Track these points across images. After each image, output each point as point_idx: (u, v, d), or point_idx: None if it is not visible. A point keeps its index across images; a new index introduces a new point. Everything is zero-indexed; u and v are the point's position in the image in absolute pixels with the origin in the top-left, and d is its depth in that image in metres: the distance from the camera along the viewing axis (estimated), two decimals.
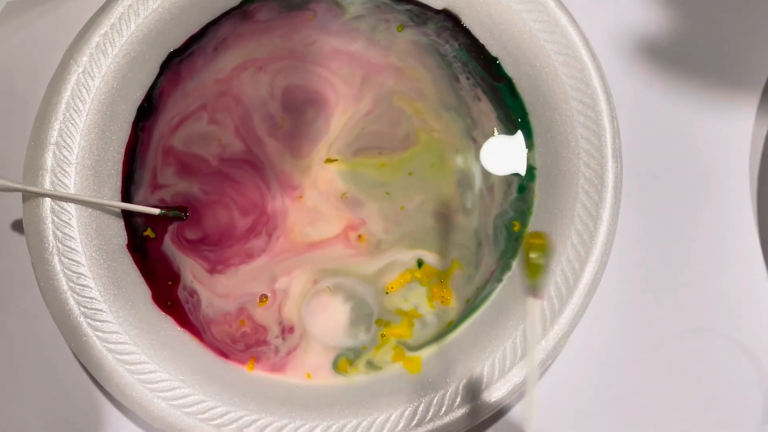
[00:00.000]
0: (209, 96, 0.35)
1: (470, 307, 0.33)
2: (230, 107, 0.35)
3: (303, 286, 0.33)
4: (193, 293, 0.34)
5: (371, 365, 0.33)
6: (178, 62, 0.35)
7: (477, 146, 0.35)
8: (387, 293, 0.33)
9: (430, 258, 0.34)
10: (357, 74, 0.35)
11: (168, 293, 0.34)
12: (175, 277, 0.34)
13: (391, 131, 0.35)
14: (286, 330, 0.33)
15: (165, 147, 0.35)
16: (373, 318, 0.33)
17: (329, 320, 0.33)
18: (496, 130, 0.35)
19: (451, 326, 0.33)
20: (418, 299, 0.33)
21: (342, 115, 0.35)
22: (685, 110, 0.36)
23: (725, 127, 0.35)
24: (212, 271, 0.34)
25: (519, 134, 0.34)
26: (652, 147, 0.35)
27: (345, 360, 0.33)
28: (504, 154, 0.34)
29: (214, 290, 0.34)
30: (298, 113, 0.35)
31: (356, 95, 0.35)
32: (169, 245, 0.34)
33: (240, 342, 0.33)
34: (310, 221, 0.34)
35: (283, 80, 0.36)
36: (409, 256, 0.34)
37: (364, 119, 0.35)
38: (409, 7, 0.36)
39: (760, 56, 0.36)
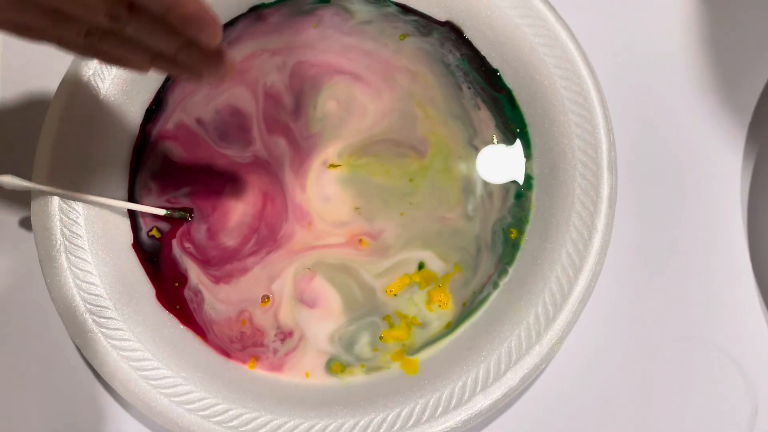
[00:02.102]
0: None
1: (467, 310, 0.34)
2: (235, 83, 0.36)
3: (293, 278, 0.34)
4: (197, 293, 0.34)
5: (369, 367, 0.33)
6: None
7: (478, 153, 0.35)
8: (387, 296, 0.34)
9: (433, 262, 0.34)
10: (376, 68, 0.36)
11: (175, 295, 0.34)
12: (182, 279, 0.34)
13: (408, 135, 0.35)
14: (285, 334, 0.34)
15: (164, 134, 0.35)
16: (370, 320, 0.34)
17: (326, 323, 0.34)
18: (495, 138, 0.35)
19: (449, 329, 0.34)
20: (416, 303, 0.34)
21: (364, 104, 0.36)
22: (680, 124, 0.37)
23: (719, 141, 0.37)
24: (217, 281, 0.34)
25: (518, 143, 0.35)
26: (647, 160, 0.36)
27: (337, 364, 0.33)
28: (502, 163, 0.35)
29: (217, 296, 0.34)
30: (309, 92, 0.36)
31: (379, 87, 0.36)
32: (176, 250, 0.35)
33: (238, 342, 0.34)
34: (317, 238, 0.35)
35: (296, 59, 0.36)
36: (411, 260, 0.34)
37: (384, 117, 0.36)
38: (415, 18, 0.37)
39: (755, 69, 0.37)
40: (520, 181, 0.35)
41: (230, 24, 0.37)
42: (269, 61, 0.36)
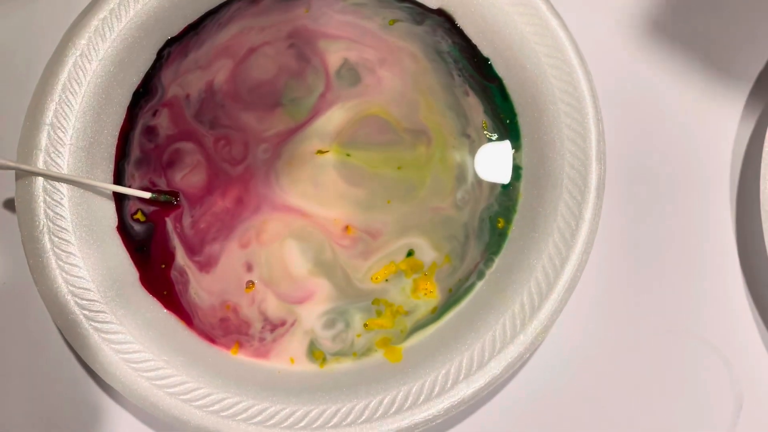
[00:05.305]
0: (206, 60, 0.36)
1: (453, 297, 0.34)
2: (223, 57, 0.36)
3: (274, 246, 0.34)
4: (183, 273, 0.34)
5: (353, 353, 0.33)
6: (180, 44, 0.36)
7: (470, 141, 0.35)
8: (373, 283, 0.34)
9: (425, 251, 0.34)
10: (378, 44, 0.36)
11: (162, 277, 0.34)
12: (169, 260, 0.34)
13: (412, 122, 0.35)
14: (275, 325, 0.33)
15: (150, 126, 0.35)
16: (356, 307, 0.34)
17: (311, 308, 0.34)
18: (484, 124, 0.35)
19: (434, 317, 0.34)
20: (403, 291, 0.34)
21: (365, 80, 0.35)
22: (670, 115, 0.37)
23: (709, 133, 0.36)
24: (200, 268, 0.34)
25: (508, 134, 0.35)
26: (636, 150, 0.36)
27: (319, 350, 0.33)
28: (494, 154, 0.35)
29: (201, 283, 0.34)
30: (308, 53, 0.35)
31: (382, 60, 0.35)
32: (169, 228, 0.34)
33: (221, 329, 0.34)
34: (303, 225, 0.34)
35: (290, 28, 0.36)
36: (400, 248, 0.34)
37: (388, 101, 0.35)
38: (408, 5, 0.36)
39: (746, 61, 0.37)
40: (509, 173, 0.35)
41: (224, 5, 0.36)
42: (259, 35, 0.36)
